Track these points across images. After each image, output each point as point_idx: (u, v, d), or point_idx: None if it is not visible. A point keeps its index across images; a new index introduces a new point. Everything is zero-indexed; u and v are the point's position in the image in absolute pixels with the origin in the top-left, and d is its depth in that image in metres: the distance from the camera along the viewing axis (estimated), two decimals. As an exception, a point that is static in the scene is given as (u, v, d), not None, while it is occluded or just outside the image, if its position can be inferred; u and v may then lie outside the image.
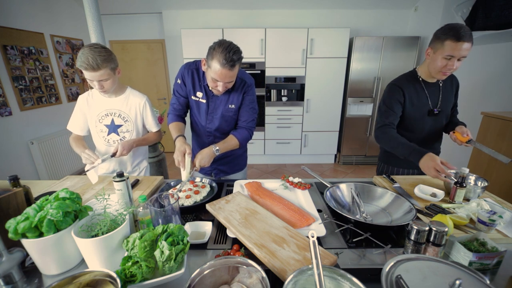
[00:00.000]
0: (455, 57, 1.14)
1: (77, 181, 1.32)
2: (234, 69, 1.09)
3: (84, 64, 1.18)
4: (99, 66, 1.20)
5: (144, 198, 0.84)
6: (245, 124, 1.36)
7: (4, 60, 2.61)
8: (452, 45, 1.12)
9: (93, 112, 1.41)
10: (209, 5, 3.65)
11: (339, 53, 3.50)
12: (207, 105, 1.32)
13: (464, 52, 1.12)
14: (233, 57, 1.05)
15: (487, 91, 2.66)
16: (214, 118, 1.34)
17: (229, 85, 1.18)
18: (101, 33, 2.44)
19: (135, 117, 1.44)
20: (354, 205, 1.06)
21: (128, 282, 0.63)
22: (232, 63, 1.06)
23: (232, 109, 1.32)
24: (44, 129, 3.10)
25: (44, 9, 3.12)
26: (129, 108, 1.43)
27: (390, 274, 0.59)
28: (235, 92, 1.30)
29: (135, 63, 4.19)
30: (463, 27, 1.11)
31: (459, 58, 1.14)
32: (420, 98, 1.33)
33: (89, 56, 1.18)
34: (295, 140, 3.93)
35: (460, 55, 1.13)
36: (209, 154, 1.23)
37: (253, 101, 1.35)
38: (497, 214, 0.86)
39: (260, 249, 0.73)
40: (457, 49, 1.12)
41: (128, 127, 1.44)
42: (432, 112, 1.35)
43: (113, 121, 1.42)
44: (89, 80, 1.27)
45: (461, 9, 2.82)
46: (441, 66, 1.18)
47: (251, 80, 1.34)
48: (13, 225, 0.68)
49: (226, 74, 1.09)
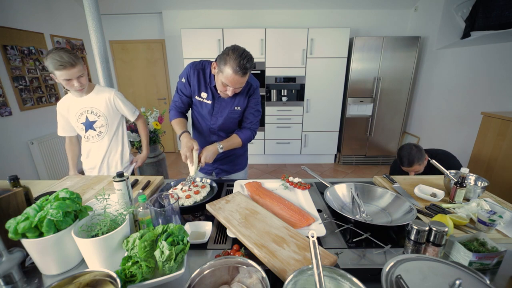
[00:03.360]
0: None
1: (77, 181, 1.32)
2: (245, 76, 1.11)
3: (62, 63, 1.21)
4: (75, 62, 1.25)
5: (144, 198, 0.84)
6: (250, 126, 1.39)
7: (4, 60, 2.61)
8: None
9: (71, 113, 1.47)
10: (209, 5, 3.65)
11: (339, 53, 3.50)
12: (212, 106, 1.34)
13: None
14: (246, 64, 1.07)
15: (487, 91, 2.66)
16: (219, 118, 1.36)
17: (238, 90, 1.19)
18: (101, 33, 2.43)
19: (107, 112, 1.49)
20: (354, 205, 1.06)
21: (128, 282, 0.63)
22: (244, 71, 1.08)
23: (237, 111, 1.35)
24: (44, 129, 3.10)
25: (44, 9, 3.12)
26: (100, 104, 1.47)
27: (390, 274, 0.59)
28: (241, 94, 1.32)
29: (135, 63, 4.18)
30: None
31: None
32: None
33: (63, 55, 1.21)
34: (295, 140, 3.93)
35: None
36: (214, 151, 1.26)
37: (257, 104, 1.38)
38: (497, 214, 0.86)
39: (260, 249, 0.73)
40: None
41: (102, 122, 1.49)
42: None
43: (87, 118, 1.47)
44: (66, 81, 1.29)
45: (461, 9, 2.82)
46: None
47: (257, 83, 1.36)
48: (13, 225, 0.68)
49: (238, 80, 1.11)
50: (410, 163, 1.62)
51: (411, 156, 1.61)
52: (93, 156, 1.56)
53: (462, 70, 2.96)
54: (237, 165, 1.56)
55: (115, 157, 1.59)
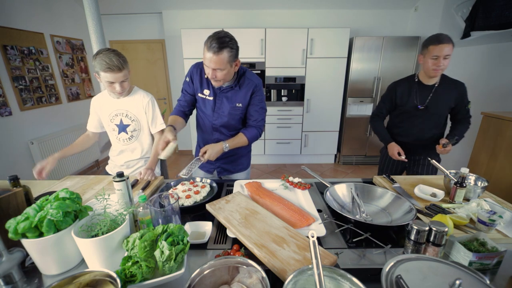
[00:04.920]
0: (440, 56, 1.41)
1: (77, 181, 1.32)
2: (219, 54, 1.11)
3: (110, 66, 1.21)
4: (123, 66, 1.25)
5: (144, 198, 0.84)
6: (255, 123, 1.39)
7: (4, 60, 2.60)
8: (435, 48, 1.42)
9: (105, 112, 1.46)
10: (209, 5, 3.65)
11: (339, 53, 3.50)
12: (214, 102, 1.35)
13: (446, 51, 1.40)
14: (218, 41, 1.10)
15: (487, 91, 2.65)
16: (221, 115, 1.37)
17: (220, 73, 1.17)
18: (101, 33, 2.44)
19: (141, 117, 1.48)
20: (354, 205, 1.06)
21: (128, 282, 0.63)
22: (215, 48, 1.09)
23: (239, 107, 1.35)
24: (44, 129, 3.10)
25: (44, 9, 3.12)
26: (135, 108, 1.46)
27: (390, 274, 0.59)
28: (241, 91, 1.33)
29: (135, 63, 4.18)
30: (442, 33, 1.44)
31: (444, 57, 1.41)
32: (410, 96, 1.60)
33: (113, 58, 1.21)
34: (295, 140, 3.93)
35: (443, 54, 1.40)
36: (219, 150, 1.27)
37: (261, 101, 1.39)
38: (497, 214, 0.86)
39: (260, 249, 0.73)
40: (438, 50, 1.41)
41: (135, 126, 1.48)
42: (416, 107, 1.58)
43: (122, 121, 1.47)
44: (109, 83, 1.28)
45: (461, 9, 2.82)
46: (431, 65, 1.46)
47: (259, 80, 1.37)
48: (13, 225, 0.68)
49: (211, 58, 1.12)
50: (448, 39, 1.42)
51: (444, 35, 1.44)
52: (123, 156, 1.55)
53: (462, 70, 2.96)
54: (240, 165, 1.56)
55: (139, 162, 1.57)
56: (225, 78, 1.22)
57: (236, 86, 1.32)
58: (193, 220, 0.98)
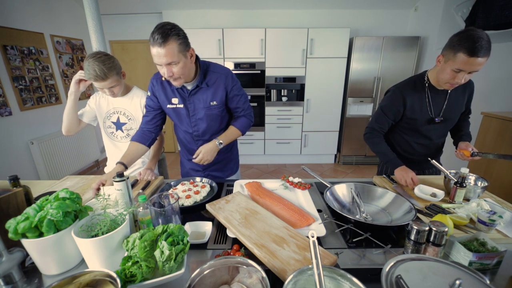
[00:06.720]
0: (465, 71, 1.05)
1: (77, 181, 1.32)
2: (166, 45, 1.00)
3: (92, 76, 1.23)
4: (106, 76, 1.25)
5: (144, 198, 0.84)
6: (243, 113, 1.34)
7: (4, 60, 2.61)
8: (464, 59, 1.02)
9: (102, 109, 1.47)
10: (209, 5, 3.65)
11: (339, 53, 3.50)
12: (185, 108, 1.27)
13: (476, 67, 1.02)
14: (160, 32, 0.99)
15: (487, 91, 2.65)
16: (198, 119, 1.28)
17: (176, 68, 1.06)
18: (101, 33, 2.43)
19: (137, 116, 1.48)
20: (354, 205, 1.06)
21: (128, 282, 0.63)
22: (159, 39, 0.99)
23: (215, 106, 1.26)
24: (44, 129, 3.10)
25: (44, 9, 3.12)
26: (133, 107, 1.47)
27: (390, 274, 0.59)
28: (211, 88, 1.23)
29: (135, 63, 4.18)
30: (481, 39, 0.97)
31: (469, 72, 1.06)
32: (422, 107, 1.28)
33: (96, 68, 1.21)
34: (295, 140, 3.93)
35: (471, 70, 1.04)
36: (213, 148, 1.22)
37: (240, 89, 1.30)
38: (497, 214, 0.86)
39: (260, 249, 0.73)
40: (468, 64, 1.02)
41: (131, 125, 1.50)
42: (433, 121, 1.30)
43: (119, 119, 1.48)
44: (99, 89, 1.32)
45: (461, 9, 2.82)
46: (449, 78, 1.12)
47: (226, 69, 1.27)
48: (13, 225, 0.68)
49: (159, 53, 1.02)
50: (486, 50, 0.99)
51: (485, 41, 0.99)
52: (118, 156, 1.53)
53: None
54: (228, 170, 1.51)
55: (138, 163, 1.56)
56: (184, 73, 1.09)
57: (202, 84, 1.21)
58: (193, 220, 0.98)
